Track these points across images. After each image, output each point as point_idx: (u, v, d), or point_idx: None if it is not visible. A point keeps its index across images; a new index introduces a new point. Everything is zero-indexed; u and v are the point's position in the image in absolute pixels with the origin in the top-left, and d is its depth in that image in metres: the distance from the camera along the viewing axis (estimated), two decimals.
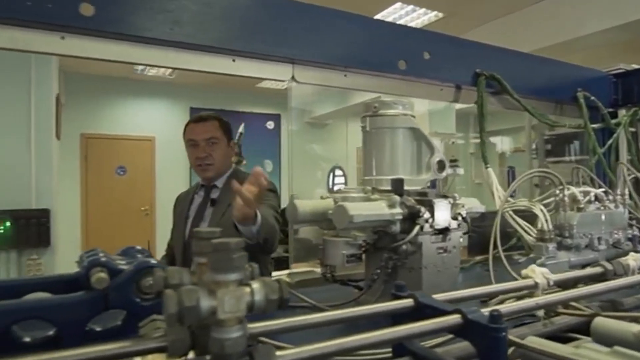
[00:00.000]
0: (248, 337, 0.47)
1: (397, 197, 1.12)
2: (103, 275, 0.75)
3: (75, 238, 6.06)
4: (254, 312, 0.47)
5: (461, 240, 1.26)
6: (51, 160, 3.53)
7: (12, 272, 3.37)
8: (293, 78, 1.53)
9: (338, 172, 8.56)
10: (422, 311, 0.70)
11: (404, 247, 1.12)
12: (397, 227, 1.12)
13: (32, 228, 3.34)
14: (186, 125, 2.19)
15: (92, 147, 6.48)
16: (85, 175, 6.46)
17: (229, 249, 0.44)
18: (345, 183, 8.63)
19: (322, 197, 1.28)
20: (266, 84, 7.65)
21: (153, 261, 0.81)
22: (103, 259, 0.81)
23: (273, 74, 1.51)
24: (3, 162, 3.33)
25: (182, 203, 2.24)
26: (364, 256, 1.20)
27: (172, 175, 7.08)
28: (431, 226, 1.13)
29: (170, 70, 6.64)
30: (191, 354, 0.49)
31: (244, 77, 1.48)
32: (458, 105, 2.61)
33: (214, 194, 2.12)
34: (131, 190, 6.79)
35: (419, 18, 4.73)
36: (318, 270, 1.35)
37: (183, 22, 1.30)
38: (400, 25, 1.84)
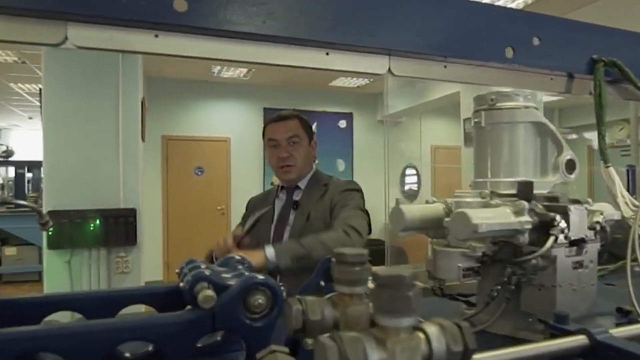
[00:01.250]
0: None
1: (524, 203, 0.96)
2: (210, 293, 0.67)
3: (157, 236, 6.34)
4: None
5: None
6: (137, 162, 3.67)
7: (102, 269, 3.53)
8: (389, 71, 1.40)
9: (411, 171, 8.29)
10: (600, 354, 0.55)
11: (534, 261, 0.96)
12: (525, 238, 0.96)
13: (121, 227, 3.48)
14: (266, 125, 2.10)
15: (172, 148, 6.76)
16: (166, 176, 6.75)
17: (403, 284, 0.32)
18: (419, 183, 8.34)
19: (427, 202, 1.15)
20: (339, 82, 7.57)
21: (260, 277, 0.72)
22: (207, 273, 0.73)
23: (368, 67, 1.39)
24: (94, 164, 3.50)
25: (259, 207, 2.14)
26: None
27: (246, 175, 7.21)
28: (566, 237, 0.96)
29: (245, 70, 6.75)
30: None
31: (338, 72, 1.38)
32: (545, 98, 2.36)
33: (297, 196, 2.02)
34: (208, 190, 7.00)
35: (514, 1, 4.37)
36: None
37: (276, 15, 1.22)
38: (507, 9, 1.65)
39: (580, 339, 0.58)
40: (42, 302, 0.78)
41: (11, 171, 9.12)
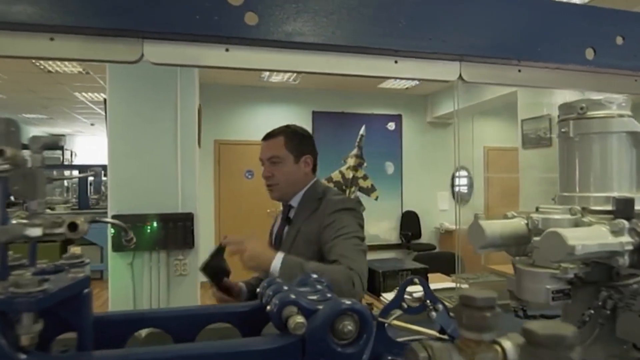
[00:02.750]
0: None
1: (624, 222, 0.88)
2: (301, 319, 0.65)
3: (210, 239, 6.49)
4: None
5: None
6: (194, 167, 3.76)
7: (162, 271, 3.65)
8: (460, 77, 1.35)
9: (462, 173, 8.07)
10: None
11: (635, 285, 0.88)
12: (625, 260, 0.88)
13: (179, 231, 3.58)
14: None
15: (224, 153, 6.91)
16: (218, 179, 6.92)
17: (564, 344, 0.29)
18: (471, 185, 8.10)
19: (506, 216, 1.09)
20: (387, 84, 7.47)
21: (348, 302, 0.70)
22: (294, 297, 0.71)
23: (438, 74, 1.34)
24: (154, 170, 3.62)
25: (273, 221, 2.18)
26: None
27: None
28: None
29: (295, 75, 6.80)
30: None
31: (406, 79, 1.35)
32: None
33: (291, 213, 2.01)
34: (258, 193, 7.07)
35: None
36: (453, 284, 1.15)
37: (345, 24, 1.20)
38: (586, 7, 1.54)
39: None
40: (129, 319, 0.79)
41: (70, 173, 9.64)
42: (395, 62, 1.29)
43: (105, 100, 3.65)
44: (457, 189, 7.66)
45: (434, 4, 1.28)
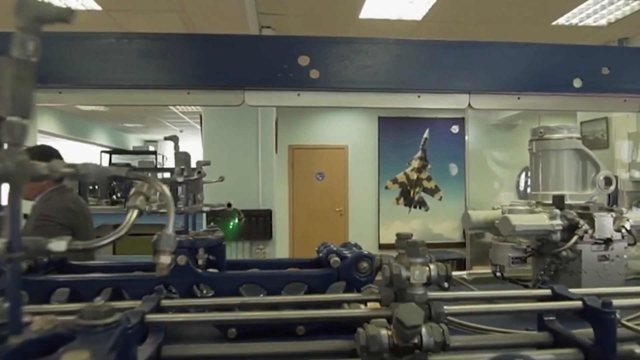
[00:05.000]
0: (427, 298, 0.82)
1: (557, 211, 1.32)
2: (336, 259, 1.19)
3: (285, 232, 7.20)
4: (432, 281, 0.82)
5: (632, 250, 1.37)
6: (272, 170, 4.42)
7: (246, 258, 4.33)
8: (469, 106, 1.80)
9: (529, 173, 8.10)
10: (558, 298, 0.95)
11: (564, 253, 1.31)
12: (557, 236, 1.32)
13: (260, 224, 4.24)
14: None
15: (297, 157, 7.61)
16: (292, 181, 7.63)
17: (417, 244, 0.80)
18: None
19: (493, 209, 1.54)
20: None
21: (365, 252, 1.22)
22: (334, 249, 1.25)
23: (451, 104, 1.81)
24: (239, 173, 4.31)
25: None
26: (529, 259, 1.43)
27: (362, 179, 7.77)
28: (591, 236, 1.30)
29: None
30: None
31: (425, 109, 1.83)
32: None
33: None
34: (328, 193, 7.72)
35: (618, 10, 4.29)
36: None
37: (380, 73, 1.71)
38: (572, 46, 1.91)
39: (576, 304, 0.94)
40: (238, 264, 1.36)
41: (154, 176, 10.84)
42: (419, 96, 1.78)
43: (200, 115, 4.42)
44: (521, 188, 7.74)
45: (446, 54, 1.76)
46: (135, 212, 0.50)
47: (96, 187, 6.79)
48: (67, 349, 0.36)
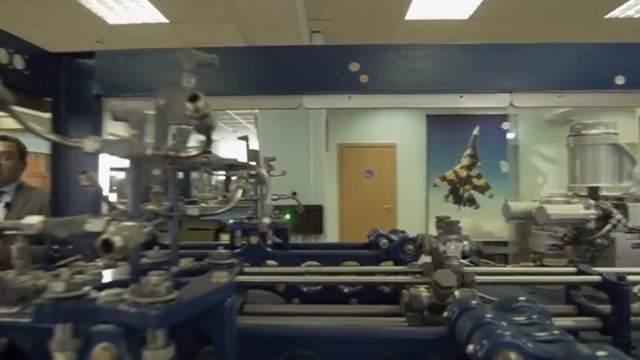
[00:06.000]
0: (462, 269, 0.98)
1: (591, 201, 1.43)
2: (385, 241, 1.36)
3: (335, 227, 7.39)
4: (465, 256, 0.97)
5: None
6: (322, 168, 4.63)
7: None
8: (511, 104, 1.91)
9: None
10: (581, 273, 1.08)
11: (599, 240, 1.42)
12: (592, 225, 1.42)
13: (312, 219, 4.46)
14: None
15: (346, 155, 7.79)
16: (341, 178, 7.82)
17: (453, 223, 0.97)
18: None
19: (533, 200, 1.66)
20: None
21: (411, 235, 1.39)
22: (383, 233, 1.43)
23: (493, 103, 1.93)
24: (292, 170, 4.53)
25: None
26: (567, 248, 1.53)
27: (411, 177, 7.84)
28: (625, 225, 1.39)
29: None
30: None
31: (466, 108, 1.95)
32: None
33: (6, 199, 2.48)
34: (376, 191, 7.85)
35: None
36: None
37: (425, 76, 1.86)
38: (614, 44, 1.96)
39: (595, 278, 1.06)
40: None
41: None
42: (461, 96, 1.91)
43: (255, 116, 4.70)
44: None
45: (488, 56, 1.88)
46: (240, 191, 0.69)
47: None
48: (211, 272, 0.56)
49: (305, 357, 0.69)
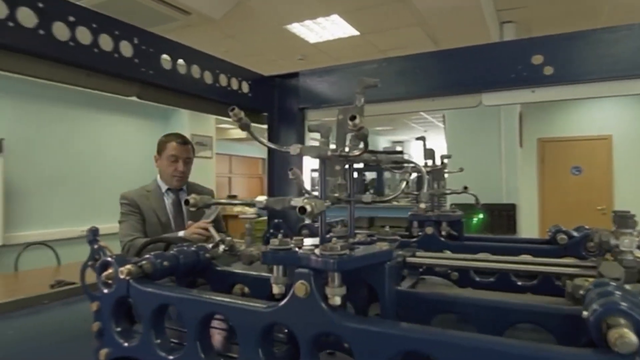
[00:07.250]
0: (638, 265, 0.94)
1: None
2: (563, 236, 1.34)
3: (534, 227, 6.81)
4: None
5: None
6: (516, 165, 4.40)
7: None
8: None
9: None
10: None
11: None
12: None
13: (503, 218, 4.29)
14: (168, 143, 2.54)
15: (548, 150, 7.10)
16: (542, 175, 7.17)
17: (627, 217, 0.94)
18: None
19: None
20: None
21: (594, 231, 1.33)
22: (564, 229, 1.40)
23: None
24: (481, 167, 4.45)
25: (146, 202, 2.51)
26: None
27: (633, 173, 6.69)
28: None
29: None
30: None
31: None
32: None
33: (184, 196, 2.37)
34: (586, 190, 6.95)
35: None
36: None
37: (622, 61, 1.70)
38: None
39: None
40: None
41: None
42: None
43: (443, 115, 4.74)
44: None
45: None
46: (404, 183, 0.85)
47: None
48: (376, 242, 0.74)
49: (458, 323, 0.81)
